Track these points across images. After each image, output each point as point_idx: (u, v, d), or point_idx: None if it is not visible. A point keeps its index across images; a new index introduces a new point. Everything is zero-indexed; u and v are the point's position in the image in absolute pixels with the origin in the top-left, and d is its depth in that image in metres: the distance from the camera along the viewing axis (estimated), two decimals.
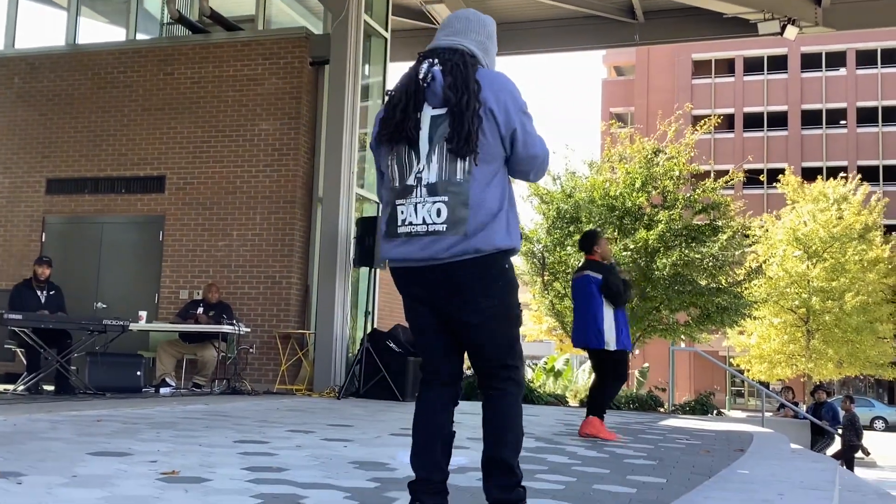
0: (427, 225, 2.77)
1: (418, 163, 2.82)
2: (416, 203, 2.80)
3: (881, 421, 37.41)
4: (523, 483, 2.90)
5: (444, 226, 2.75)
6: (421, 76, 2.87)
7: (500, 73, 2.93)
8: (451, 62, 2.86)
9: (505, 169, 2.88)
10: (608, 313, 7.00)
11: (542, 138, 2.91)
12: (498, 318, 2.84)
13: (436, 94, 2.84)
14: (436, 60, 2.89)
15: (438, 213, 2.77)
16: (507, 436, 2.83)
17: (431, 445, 2.88)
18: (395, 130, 2.87)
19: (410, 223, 2.81)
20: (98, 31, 15.05)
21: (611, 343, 6.97)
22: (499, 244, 2.78)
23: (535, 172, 2.94)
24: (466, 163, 2.76)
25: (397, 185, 2.88)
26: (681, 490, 4.16)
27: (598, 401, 7.13)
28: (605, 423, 7.08)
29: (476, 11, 3.11)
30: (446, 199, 2.76)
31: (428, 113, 2.84)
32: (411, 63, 3.01)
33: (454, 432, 2.95)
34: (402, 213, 2.83)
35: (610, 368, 7.11)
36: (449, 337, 2.93)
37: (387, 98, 2.98)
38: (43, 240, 13.41)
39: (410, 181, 2.83)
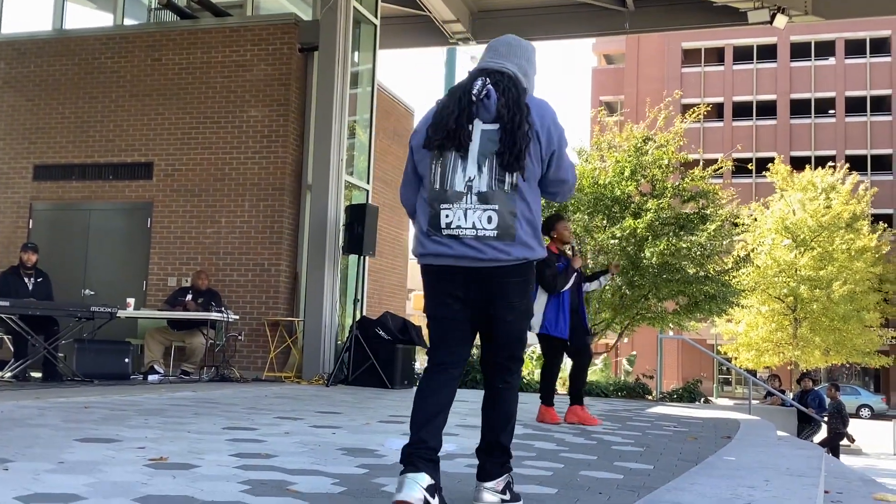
0: (476, 230, 3.00)
1: (466, 171, 3.05)
2: (466, 209, 3.02)
3: (867, 409, 37.70)
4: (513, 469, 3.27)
5: (495, 232, 3.00)
6: (475, 91, 3.07)
7: (544, 100, 3.19)
8: (502, 84, 3.11)
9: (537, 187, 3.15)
10: (540, 299, 7.08)
11: (572, 166, 3.21)
12: (523, 316, 3.17)
13: (489, 111, 3.07)
14: (488, 80, 3.11)
15: (489, 220, 3.01)
16: (509, 425, 3.17)
17: (434, 416, 3.05)
18: (448, 138, 3.06)
19: (458, 226, 3.03)
20: (85, 17, 14.94)
21: (534, 327, 7.10)
22: (539, 253, 3.10)
23: (561, 194, 3.24)
24: (514, 177, 3.01)
25: (437, 187, 3.08)
26: (668, 476, 4.18)
27: (574, 387, 7.33)
28: (554, 407, 7.27)
29: (517, 37, 3.37)
30: (496, 207, 3.01)
31: (479, 126, 3.06)
32: (400, 50, 3.10)
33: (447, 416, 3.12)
34: (448, 216, 3.04)
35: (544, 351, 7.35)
36: (470, 328, 3.17)
37: (437, 107, 3.19)
38: (30, 226, 13.33)
39: (459, 188, 3.04)
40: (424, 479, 2.88)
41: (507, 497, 3.12)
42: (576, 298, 7.25)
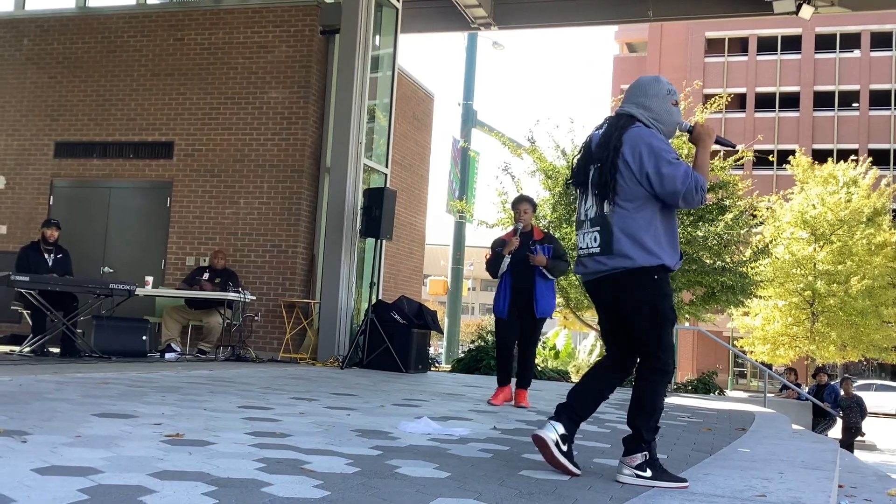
0: (588, 248, 3.74)
1: (587, 203, 3.80)
2: (585, 233, 3.78)
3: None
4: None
5: (598, 248, 3.69)
6: (589, 139, 3.87)
7: (644, 130, 3.68)
8: (610, 126, 3.76)
9: (653, 202, 3.63)
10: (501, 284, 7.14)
11: (684, 175, 3.56)
12: (646, 316, 3.63)
13: (593, 153, 3.79)
14: (603, 125, 3.83)
15: (595, 239, 3.71)
16: (643, 411, 3.61)
17: (588, 390, 3.78)
18: (574, 178, 3.91)
19: (581, 248, 3.82)
20: None
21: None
22: (640, 262, 3.60)
23: (683, 201, 3.61)
24: (611, 202, 3.64)
25: (576, 218, 3.91)
26: (681, 466, 4.18)
27: (518, 370, 7.32)
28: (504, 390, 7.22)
29: (641, 77, 3.89)
30: (599, 229, 3.69)
31: (593, 166, 3.77)
32: (422, 34, 3.24)
33: (607, 396, 3.81)
34: (579, 240, 3.85)
35: None
36: (615, 329, 3.80)
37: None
38: (51, 203, 13.43)
39: (583, 217, 3.82)
40: (560, 428, 3.64)
41: (647, 474, 3.54)
42: (525, 279, 6.98)
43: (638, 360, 3.71)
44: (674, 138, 3.99)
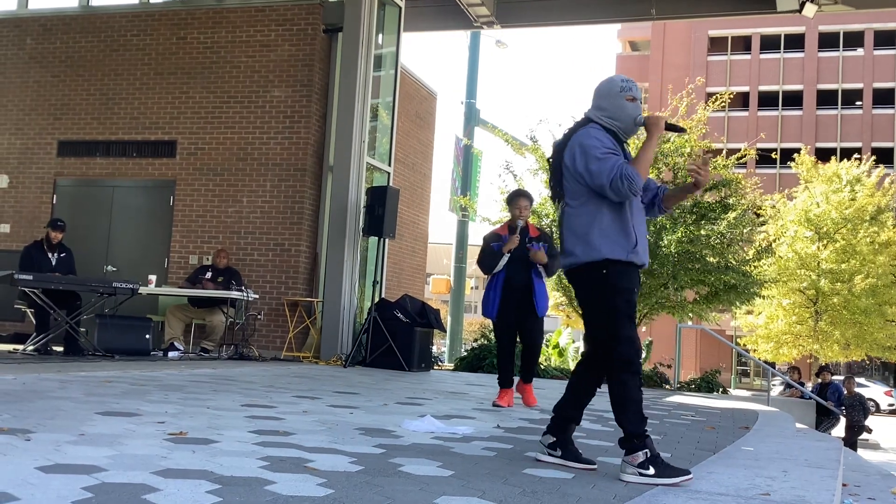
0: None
1: None
2: None
3: (885, 404, 37.36)
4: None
5: (559, 248, 3.89)
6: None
7: (584, 131, 3.78)
8: (565, 132, 3.90)
9: (597, 197, 3.70)
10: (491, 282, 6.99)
11: (610, 168, 3.63)
12: (597, 311, 3.72)
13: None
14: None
15: (559, 239, 3.90)
16: (621, 408, 3.64)
17: (566, 394, 3.91)
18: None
19: None
20: None
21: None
22: (583, 258, 3.71)
23: (612, 193, 3.66)
24: (562, 203, 3.85)
25: None
26: (685, 465, 4.16)
27: (522, 367, 7.15)
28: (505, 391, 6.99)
29: (602, 80, 3.92)
30: (558, 230, 3.87)
31: None
32: (425, 33, 3.30)
33: (592, 394, 3.88)
34: None
35: None
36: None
37: None
38: (54, 202, 13.44)
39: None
40: (548, 440, 3.89)
41: (650, 471, 3.51)
42: (522, 276, 6.82)
43: (601, 354, 3.76)
44: (634, 133, 3.95)
